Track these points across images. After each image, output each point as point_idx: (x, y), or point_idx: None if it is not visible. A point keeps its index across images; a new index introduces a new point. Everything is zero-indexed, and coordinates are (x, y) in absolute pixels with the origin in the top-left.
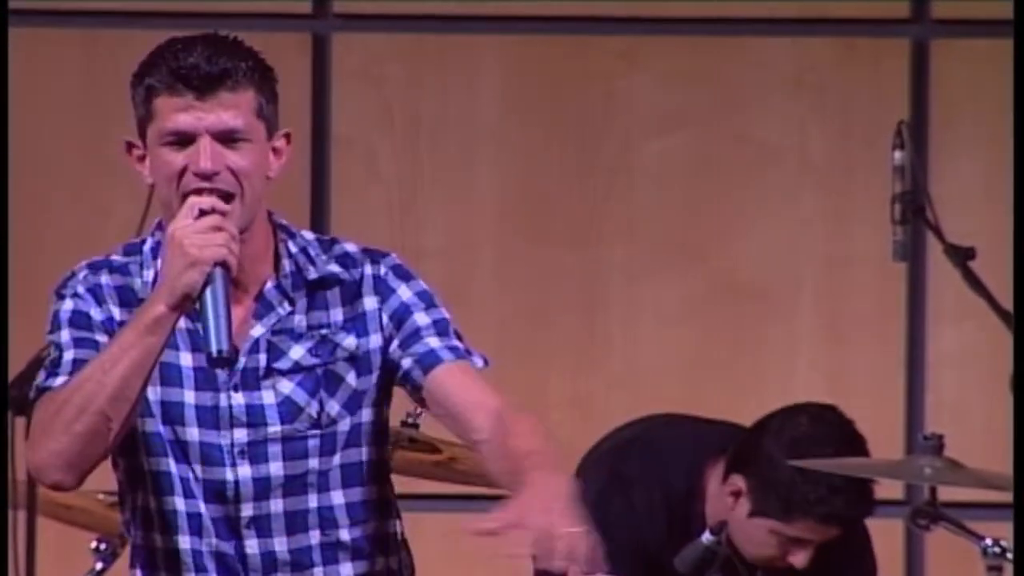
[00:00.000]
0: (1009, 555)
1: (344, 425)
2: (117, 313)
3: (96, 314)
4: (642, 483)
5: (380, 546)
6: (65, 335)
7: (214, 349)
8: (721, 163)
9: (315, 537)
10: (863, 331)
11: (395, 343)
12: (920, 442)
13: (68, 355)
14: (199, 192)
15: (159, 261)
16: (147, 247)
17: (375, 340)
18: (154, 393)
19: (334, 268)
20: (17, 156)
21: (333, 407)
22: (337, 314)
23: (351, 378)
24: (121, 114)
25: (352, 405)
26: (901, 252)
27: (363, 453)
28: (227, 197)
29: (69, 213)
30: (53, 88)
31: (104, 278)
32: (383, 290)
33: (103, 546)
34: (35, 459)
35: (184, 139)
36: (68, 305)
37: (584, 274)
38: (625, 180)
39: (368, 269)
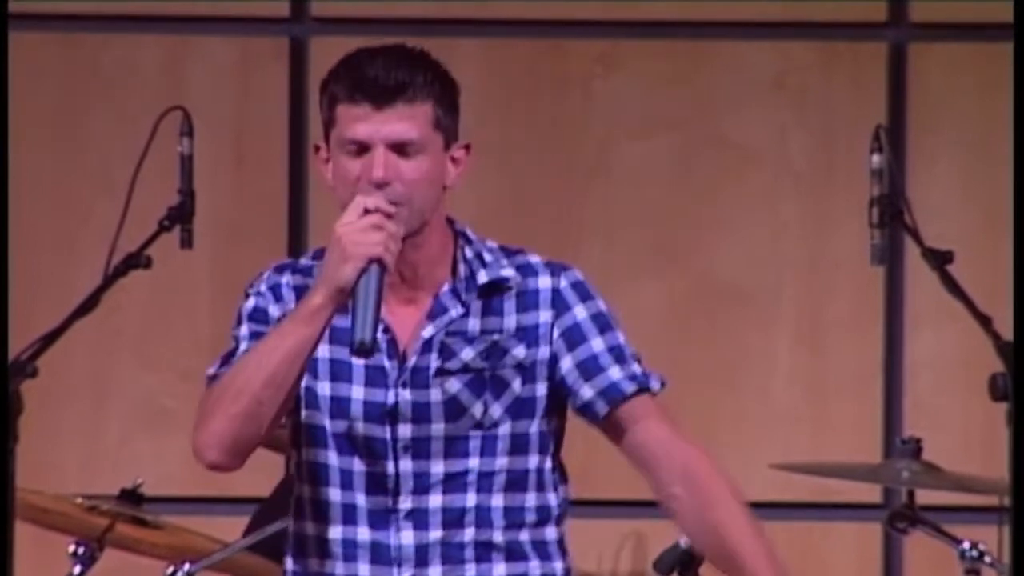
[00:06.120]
0: (987, 558)
1: (505, 429)
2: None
3: (274, 311)
4: None
5: (537, 550)
6: (244, 329)
7: (356, 338)
8: (700, 166)
9: (469, 535)
10: (841, 334)
11: (568, 364)
12: (898, 446)
13: (243, 347)
14: None
15: None
16: None
17: (543, 352)
18: (324, 389)
19: (507, 273)
20: None
21: (496, 410)
22: (511, 321)
23: (516, 385)
24: (99, 117)
25: (514, 411)
26: (879, 256)
27: (529, 461)
28: (396, 203)
29: (47, 217)
30: (31, 92)
31: (286, 278)
32: (559, 305)
33: (81, 550)
34: (196, 440)
35: (361, 147)
36: (251, 303)
37: None
38: (603, 183)
39: (547, 281)
